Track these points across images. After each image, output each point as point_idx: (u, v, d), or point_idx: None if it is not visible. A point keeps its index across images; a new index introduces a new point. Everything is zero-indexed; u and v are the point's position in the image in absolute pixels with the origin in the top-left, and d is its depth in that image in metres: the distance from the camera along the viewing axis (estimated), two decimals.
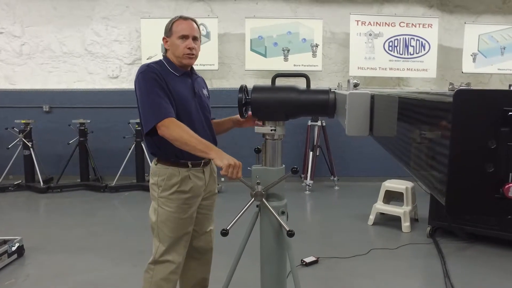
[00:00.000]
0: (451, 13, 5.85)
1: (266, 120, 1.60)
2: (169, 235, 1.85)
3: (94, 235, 3.71)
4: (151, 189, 1.91)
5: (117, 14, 5.79)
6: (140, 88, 1.75)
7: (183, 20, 1.83)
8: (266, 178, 1.63)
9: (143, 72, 1.76)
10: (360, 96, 0.94)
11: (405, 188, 3.93)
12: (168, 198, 1.83)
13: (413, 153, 0.51)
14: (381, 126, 0.89)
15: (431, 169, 0.41)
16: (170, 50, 1.84)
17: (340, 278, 2.91)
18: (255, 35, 5.65)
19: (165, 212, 1.84)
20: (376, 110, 0.93)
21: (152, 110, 1.70)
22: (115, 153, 5.63)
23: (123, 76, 5.90)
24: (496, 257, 3.24)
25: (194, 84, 1.92)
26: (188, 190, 1.85)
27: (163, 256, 1.88)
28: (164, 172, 1.84)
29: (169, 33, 1.84)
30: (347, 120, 0.94)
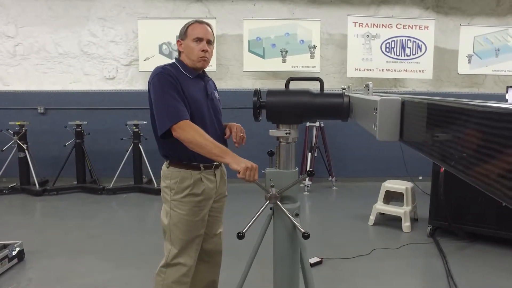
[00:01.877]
0: (447, 15, 5.93)
1: (280, 123, 1.60)
2: (181, 237, 1.85)
3: (94, 237, 3.68)
4: (163, 192, 1.90)
5: (114, 14, 5.74)
6: (155, 90, 1.74)
7: (198, 23, 1.85)
8: (280, 181, 1.64)
9: (158, 74, 1.76)
10: (391, 102, 0.95)
11: (405, 188, 3.98)
12: (181, 201, 1.83)
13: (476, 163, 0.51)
14: (413, 132, 0.90)
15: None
16: (185, 52, 1.85)
17: (344, 278, 2.93)
18: (253, 36, 5.65)
19: (177, 215, 1.84)
20: (407, 116, 0.93)
21: (167, 112, 1.70)
22: (112, 154, 5.58)
23: (119, 77, 5.86)
24: (496, 256, 3.29)
25: (206, 87, 1.92)
26: (200, 193, 1.85)
27: (175, 259, 1.87)
28: (176, 175, 1.84)
29: (184, 36, 1.85)
30: (378, 125, 0.94)
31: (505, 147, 0.47)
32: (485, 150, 0.52)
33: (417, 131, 0.85)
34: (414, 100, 0.89)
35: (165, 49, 5.66)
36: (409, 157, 5.72)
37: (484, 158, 0.53)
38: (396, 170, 5.62)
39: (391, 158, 5.79)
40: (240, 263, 1.86)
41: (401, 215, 3.90)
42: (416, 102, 0.88)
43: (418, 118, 0.84)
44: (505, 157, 0.45)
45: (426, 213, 3.78)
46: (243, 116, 5.57)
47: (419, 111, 0.84)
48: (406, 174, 5.40)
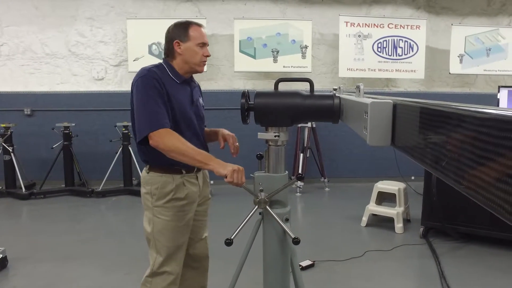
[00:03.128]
0: (438, 14, 5.94)
1: (269, 126, 1.55)
2: (167, 245, 1.79)
3: (82, 242, 3.59)
4: (144, 199, 1.83)
5: (102, 14, 5.64)
6: (138, 93, 1.67)
7: (198, 26, 1.78)
8: (269, 185, 1.59)
9: (143, 77, 1.68)
10: (382, 105, 0.90)
11: (398, 189, 3.95)
12: (164, 206, 1.77)
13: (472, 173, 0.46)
14: (406, 137, 0.85)
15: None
16: (184, 55, 1.76)
17: (337, 281, 2.89)
18: (244, 36, 5.59)
19: (161, 222, 1.78)
20: (399, 120, 0.88)
21: (147, 119, 1.63)
22: (102, 157, 5.48)
23: (108, 78, 5.76)
24: (489, 256, 3.28)
25: (192, 92, 1.86)
26: (183, 197, 1.80)
27: (161, 268, 1.81)
28: (157, 180, 1.78)
29: (184, 38, 1.75)
30: (368, 129, 0.89)
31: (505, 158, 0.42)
32: (483, 160, 0.48)
33: (410, 136, 0.81)
34: (406, 103, 0.84)
35: (155, 49, 5.58)
36: (401, 158, 5.70)
37: (481, 168, 0.48)
38: (388, 170, 5.60)
39: (384, 159, 5.78)
40: (230, 268, 1.80)
41: (393, 216, 3.87)
42: (408, 105, 0.83)
43: (411, 123, 0.80)
44: (506, 169, 0.41)
45: (419, 214, 3.75)
46: (234, 117, 5.52)
47: (412, 115, 0.79)
48: (399, 175, 5.38)
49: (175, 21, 1.82)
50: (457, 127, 0.57)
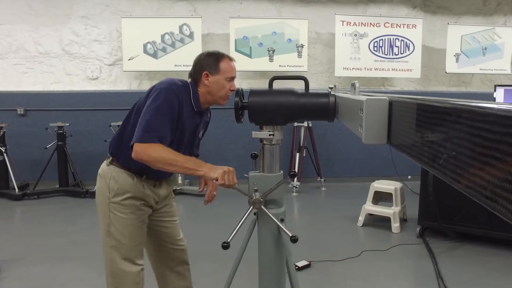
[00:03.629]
0: (434, 14, 5.93)
1: (263, 124, 1.52)
2: (124, 242, 1.75)
3: (77, 243, 3.55)
4: (100, 193, 1.77)
5: (97, 13, 5.59)
6: (155, 100, 1.62)
7: (230, 60, 1.77)
8: (264, 185, 1.56)
9: (169, 89, 1.64)
10: (378, 102, 0.87)
11: (394, 188, 3.93)
12: (121, 204, 1.73)
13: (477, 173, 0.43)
14: (402, 135, 0.82)
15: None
16: (211, 88, 1.74)
17: (334, 282, 2.86)
18: (239, 35, 5.56)
19: (118, 219, 1.73)
20: (395, 117, 0.86)
21: (150, 129, 1.59)
22: (96, 157, 5.40)
23: (103, 77, 5.71)
24: (485, 256, 3.27)
25: (200, 124, 1.85)
26: (142, 197, 1.77)
27: (119, 267, 1.77)
28: (118, 175, 1.73)
29: (214, 71, 1.73)
30: (364, 127, 0.86)
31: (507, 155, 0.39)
32: (483, 157, 0.45)
33: (406, 133, 0.78)
34: (403, 100, 0.81)
35: (150, 49, 5.53)
36: (397, 157, 5.69)
37: (481, 166, 0.45)
38: (384, 170, 5.59)
39: (380, 158, 5.76)
40: (225, 269, 1.77)
41: (390, 216, 3.85)
42: (404, 102, 0.80)
43: (407, 120, 0.77)
44: (508, 167, 0.38)
45: (415, 213, 3.74)
46: (230, 117, 5.48)
47: (409, 112, 0.77)
48: (395, 174, 5.37)
49: (208, 50, 1.81)
50: (455, 123, 0.54)
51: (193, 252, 3.18)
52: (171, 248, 1.97)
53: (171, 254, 1.98)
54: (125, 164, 1.74)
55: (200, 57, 1.78)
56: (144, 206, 1.79)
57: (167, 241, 1.96)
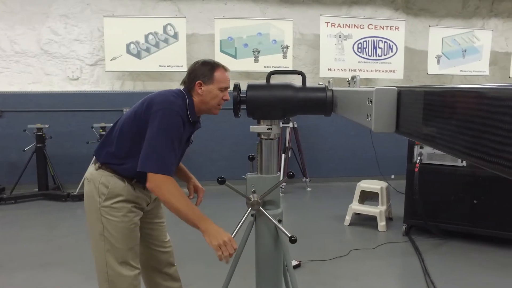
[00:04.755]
0: (416, 16, 6.06)
1: (262, 119, 1.51)
2: (119, 246, 1.71)
3: (60, 248, 3.42)
4: (89, 198, 1.72)
5: (77, 11, 5.45)
6: (161, 123, 1.58)
7: (224, 70, 1.75)
8: (262, 186, 1.55)
9: (174, 112, 1.61)
10: (387, 91, 0.88)
11: (380, 188, 3.98)
12: (112, 207, 1.69)
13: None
14: (411, 122, 0.83)
15: None
16: (204, 97, 1.72)
17: (324, 281, 2.87)
18: (224, 36, 5.53)
19: (110, 222, 1.69)
20: (403, 106, 0.87)
21: (158, 158, 1.56)
22: (78, 159, 5.28)
23: (84, 77, 5.57)
24: (470, 252, 3.34)
25: (192, 133, 1.83)
26: (133, 200, 1.74)
27: (116, 271, 1.72)
28: (108, 179, 1.69)
29: (208, 80, 1.71)
30: (373, 117, 0.87)
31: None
32: (490, 129, 0.48)
33: (415, 120, 0.80)
34: (411, 89, 0.83)
35: (133, 49, 5.43)
36: (381, 157, 5.78)
37: (487, 137, 0.47)
38: (369, 169, 5.66)
39: (364, 158, 5.83)
40: (222, 271, 1.73)
41: (376, 215, 3.89)
42: (412, 91, 0.82)
43: (415, 108, 0.79)
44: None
45: (401, 212, 3.79)
46: (216, 117, 5.43)
47: (416, 100, 0.79)
48: (379, 173, 5.45)
49: (203, 59, 1.79)
50: (460, 104, 0.58)
51: (185, 254, 3.15)
52: (158, 250, 1.94)
53: (158, 257, 1.95)
54: (117, 171, 1.71)
55: (195, 65, 1.77)
56: (136, 209, 1.76)
57: (155, 244, 1.93)
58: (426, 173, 3.50)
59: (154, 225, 1.92)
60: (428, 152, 3.55)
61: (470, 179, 3.44)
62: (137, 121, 1.65)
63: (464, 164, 3.46)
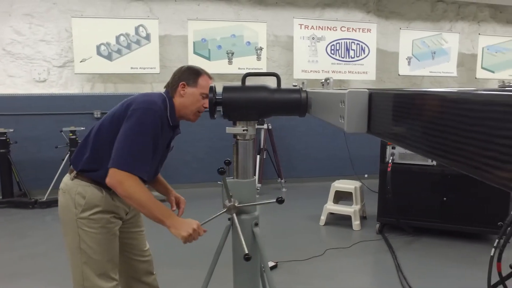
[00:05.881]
0: (387, 18, 6.22)
1: (237, 120, 1.52)
2: (97, 258, 1.65)
3: (29, 258, 3.27)
4: (65, 209, 1.66)
5: (43, 11, 5.25)
6: (137, 123, 1.54)
7: (209, 78, 1.76)
8: (238, 191, 1.54)
9: (152, 111, 1.57)
10: (359, 94, 0.91)
11: (354, 187, 4.04)
12: (90, 218, 1.63)
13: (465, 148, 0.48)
14: (381, 123, 0.86)
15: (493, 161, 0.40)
16: (185, 100, 1.71)
17: (301, 281, 2.88)
18: (198, 37, 5.48)
19: (88, 234, 1.63)
20: (374, 107, 0.90)
21: (129, 156, 1.52)
22: (46, 164, 5.08)
23: (52, 80, 5.37)
24: (440, 248, 3.45)
25: (172, 138, 1.80)
26: (112, 210, 1.69)
27: (93, 283, 1.65)
28: (84, 189, 1.63)
29: (193, 83, 1.71)
30: (346, 118, 0.89)
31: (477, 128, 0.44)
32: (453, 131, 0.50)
33: (385, 121, 0.83)
34: (381, 91, 0.86)
35: (104, 50, 5.29)
36: (355, 157, 5.89)
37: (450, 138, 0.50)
38: (343, 169, 5.75)
39: (338, 158, 5.92)
40: (198, 275, 1.70)
41: (351, 214, 3.95)
42: (382, 93, 0.85)
43: (385, 109, 0.82)
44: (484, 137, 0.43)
45: (374, 211, 3.87)
46: None
47: (386, 101, 0.82)
48: (353, 173, 5.54)
49: (191, 65, 1.80)
50: (424, 106, 0.62)
51: (164, 260, 3.08)
52: (137, 260, 1.88)
53: (137, 266, 1.89)
54: (95, 178, 1.64)
55: (181, 68, 1.77)
56: (114, 219, 1.70)
57: (134, 253, 1.87)
58: (398, 172, 3.59)
59: (133, 234, 1.86)
60: (400, 152, 3.64)
61: (440, 177, 3.55)
62: (116, 123, 1.60)
63: (434, 163, 3.57)
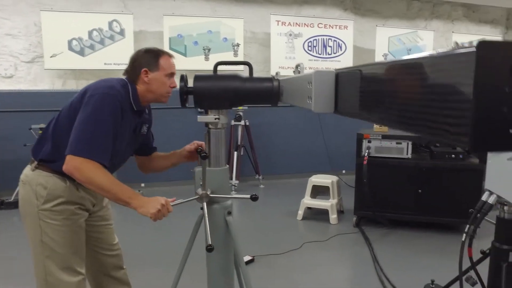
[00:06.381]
0: (364, 16, 6.30)
1: (209, 108, 1.50)
2: (61, 251, 1.59)
3: (1, 261, 3.13)
4: (25, 201, 1.59)
5: (9, 4, 5.04)
6: (94, 108, 1.48)
7: (169, 56, 1.70)
8: (211, 179, 1.51)
9: (109, 95, 1.51)
10: (325, 74, 0.91)
11: (331, 182, 4.07)
12: (52, 210, 1.56)
13: (417, 111, 0.52)
14: (347, 101, 0.86)
15: (446, 119, 0.44)
16: (151, 85, 1.65)
17: (278, 274, 2.87)
18: (174, 33, 5.40)
19: (50, 226, 1.56)
20: (341, 87, 0.90)
21: (89, 142, 1.45)
22: (13, 163, 4.87)
23: (20, 75, 5.16)
24: (415, 239, 3.53)
25: (139, 123, 1.74)
26: (76, 201, 1.62)
27: (56, 278, 1.59)
28: (46, 180, 1.57)
29: (154, 67, 1.64)
30: (313, 98, 0.88)
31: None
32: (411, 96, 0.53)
33: (351, 99, 0.84)
34: (347, 70, 0.87)
35: (76, 45, 5.14)
36: (332, 153, 5.94)
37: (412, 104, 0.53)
38: (320, 165, 5.78)
39: (316, 155, 5.96)
40: (173, 271, 1.66)
41: (328, 208, 3.98)
42: (349, 72, 0.86)
43: (352, 87, 0.82)
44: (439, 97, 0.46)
45: (351, 205, 3.91)
46: (164, 116, 5.28)
47: (353, 80, 0.82)
48: (330, 169, 5.59)
49: (146, 47, 1.72)
50: (390, 76, 0.64)
51: (137, 258, 3.01)
52: (105, 254, 1.82)
53: (105, 261, 1.83)
54: (57, 169, 1.56)
55: (137, 54, 1.70)
56: (80, 210, 1.63)
57: (102, 247, 1.81)
58: (374, 166, 3.63)
59: (101, 227, 1.80)
60: (375, 146, 3.68)
61: (415, 170, 3.62)
62: (73, 111, 1.54)
63: (409, 156, 3.63)
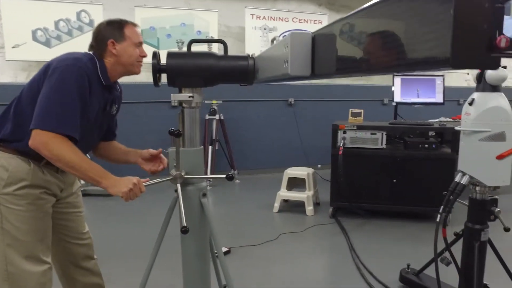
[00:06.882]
0: (338, 12, 6.36)
1: (183, 87, 1.46)
2: (23, 239, 1.50)
3: None
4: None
5: None
6: (59, 81, 1.40)
7: (133, 25, 1.64)
8: (185, 159, 1.46)
9: (74, 67, 1.43)
10: (302, 35, 0.89)
11: (307, 174, 4.08)
12: (14, 194, 1.47)
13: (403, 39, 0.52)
14: (324, 61, 0.85)
15: (427, 43, 0.46)
16: (120, 56, 1.59)
17: (254, 265, 2.85)
18: (146, 25, 5.27)
19: (12, 212, 1.48)
20: (318, 49, 0.89)
21: (56, 115, 1.38)
22: None
23: None
24: (390, 228, 3.58)
25: (110, 99, 1.67)
26: (42, 185, 1.53)
27: (18, 267, 1.50)
28: (8, 161, 1.48)
29: (120, 38, 1.58)
30: (289, 60, 0.86)
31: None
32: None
33: (328, 58, 0.84)
34: (324, 31, 0.85)
35: (41, 36, 4.92)
36: (308, 147, 5.98)
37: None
38: (296, 160, 5.79)
39: (291, 149, 5.97)
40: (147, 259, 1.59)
41: (304, 200, 3.98)
42: (325, 33, 0.85)
43: (329, 48, 0.82)
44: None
45: (327, 197, 3.93)
46: (136, 111, 5.16)
47: (329, 40, 0.82)
48: (307, 163, 5.61)
49: (107, 19, 1.64)
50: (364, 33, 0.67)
51: (111, 252, 2.92)
52: (74, 243, 1.73)
53: (75, 250, 1.74)
54: (19, 147, 1.47)
55: (99, 26, 1.63)
56: (45, 195, 1.54)
57: (71, 236, 1.72)
58: (349, 156, 3.66)
59: (70, 215, 1.71)
60: (350, 136, 3.72)
61: (389, 160, 3.68)
62: (36, 86, 1.45)
63: (384, 147, 3.69)
